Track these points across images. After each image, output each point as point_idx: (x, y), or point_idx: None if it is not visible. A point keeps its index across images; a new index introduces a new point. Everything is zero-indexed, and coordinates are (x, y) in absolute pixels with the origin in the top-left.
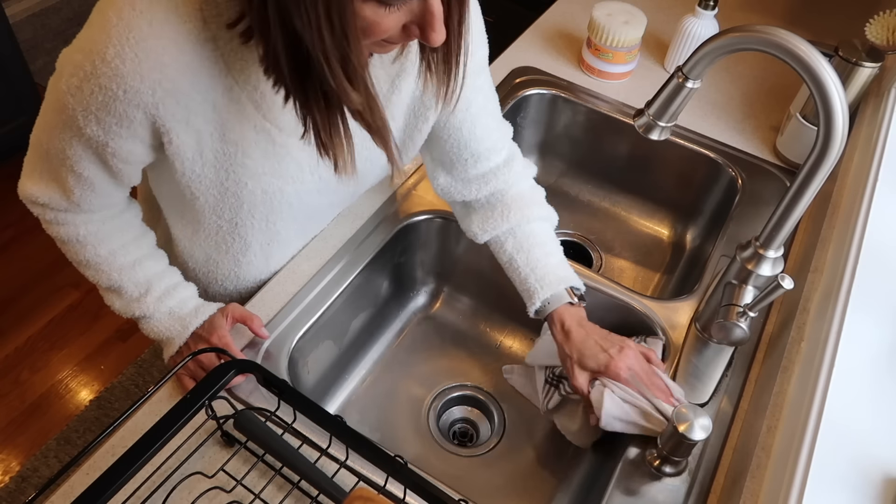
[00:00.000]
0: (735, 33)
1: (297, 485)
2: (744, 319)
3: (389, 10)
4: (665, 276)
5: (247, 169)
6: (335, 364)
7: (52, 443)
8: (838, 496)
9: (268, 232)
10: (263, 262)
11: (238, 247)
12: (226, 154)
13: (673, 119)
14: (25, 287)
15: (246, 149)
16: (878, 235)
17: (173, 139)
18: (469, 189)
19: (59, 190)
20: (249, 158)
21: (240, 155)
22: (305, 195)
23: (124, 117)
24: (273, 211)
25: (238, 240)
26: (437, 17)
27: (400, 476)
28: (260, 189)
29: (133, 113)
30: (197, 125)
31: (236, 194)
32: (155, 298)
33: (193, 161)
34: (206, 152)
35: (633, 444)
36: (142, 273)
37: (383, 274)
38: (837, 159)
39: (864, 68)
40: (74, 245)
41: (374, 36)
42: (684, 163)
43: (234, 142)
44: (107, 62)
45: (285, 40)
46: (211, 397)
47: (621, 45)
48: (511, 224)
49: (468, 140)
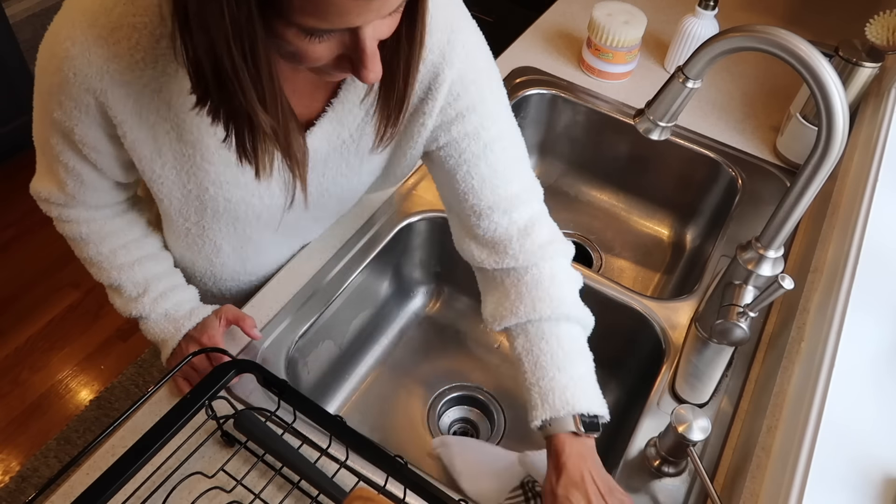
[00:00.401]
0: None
1: (297, 485)
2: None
3: (313, 39)
4: (665, 276)
5: (207, 175)
6: (335, 364)
7: (52, 443)
8: (838, 496)
9: (237, 237)
10: (239, 263)
11: (209, 248)
12: (184, 156)
13: (673, 119)
14: (25, 287)
15: (205, 154)
16: (878, 235)
17: (127, 133)
18: (480, 253)
19: (55, 182)
20: (209, 164)
21: (198, 158)
22: (276, 210)
23: (79, 101)
24: (239, 220)
25: (208, 242)
26: (367, 54)
27: (400, 476)
28: (222, 197)
29: (86, 98)
30: (150, 120)
31: (199, 198)
32: (151, 300)
33: (152, 160)
34: (164, 151)
35: (634, 443)
36: (141, 273)
37: (383, 274)
38: (838, 159)
39: (864, 68)
40: (78, 242)
41: (305, 62)
42: (684, 163)
43: (192, 144)
44: (60, 43)
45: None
46: (211, 397)
47: (621, 45)
48: (521, 318)
49: (465, 191)
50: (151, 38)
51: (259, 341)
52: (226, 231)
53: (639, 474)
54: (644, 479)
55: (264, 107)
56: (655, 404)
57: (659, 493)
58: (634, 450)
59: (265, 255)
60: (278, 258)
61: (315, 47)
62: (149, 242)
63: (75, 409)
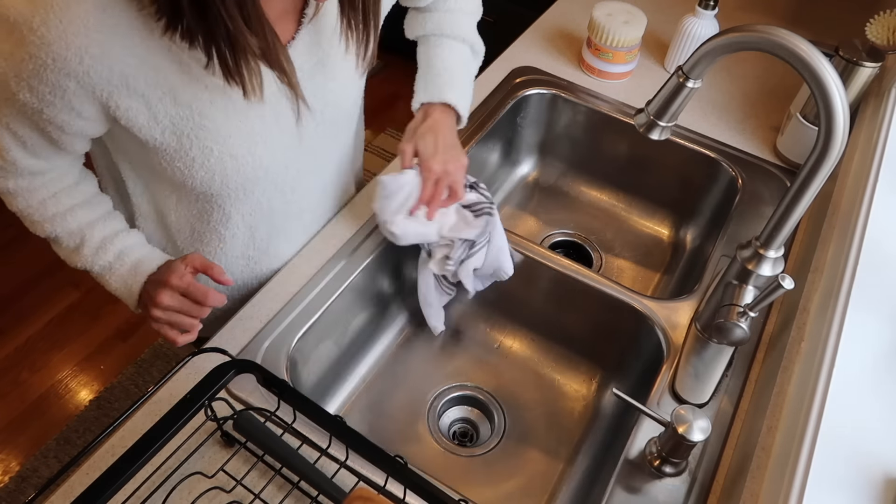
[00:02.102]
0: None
1: (297, 485)
2: (744, 319)
3: None
4: (665, 276)
5: (209, 132)
6: (335, 364)
7: (52, 443)
8: (838, 496)
9: (248, 202)
10: (248, 234)
11: (218, 217)
12: (182, 118)
13: (673, 119)
14: (25, 287)
15: (202, 110)
16: (878, 235)
17: (120, 105)
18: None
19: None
20: (208, 120)
21: (196, 117)
22: (279, 153)
23: (57, 86)
24: (248, 179)
25: (217, 209)
26: None
27: (400, 476)
28: (228, 155)
29: (65, 82)
30: (140, 89)
31: (205, 165)
32: (92, 250)
33: (150, 128)
34: (160, 117)
35: (634, 443)
36: (75, 222)
37: (383, 274)
38: (838, 159)
39: (864, 68)
40: (6, 196)
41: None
42: (684, 163)
43: (188, 104)
44: (33, 30)
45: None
46: (210, 398)
47: (621, 45)
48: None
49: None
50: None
51: (259, 341)
52: (234, 196)
53: (639, 474)
54: (644, 479)
55: (250, 28)
56: (655, 404)
57: (659, 493)
58: (634, 450)
59: (272, 220)
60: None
61: None
62: (81, 190)
63: (75, 409)
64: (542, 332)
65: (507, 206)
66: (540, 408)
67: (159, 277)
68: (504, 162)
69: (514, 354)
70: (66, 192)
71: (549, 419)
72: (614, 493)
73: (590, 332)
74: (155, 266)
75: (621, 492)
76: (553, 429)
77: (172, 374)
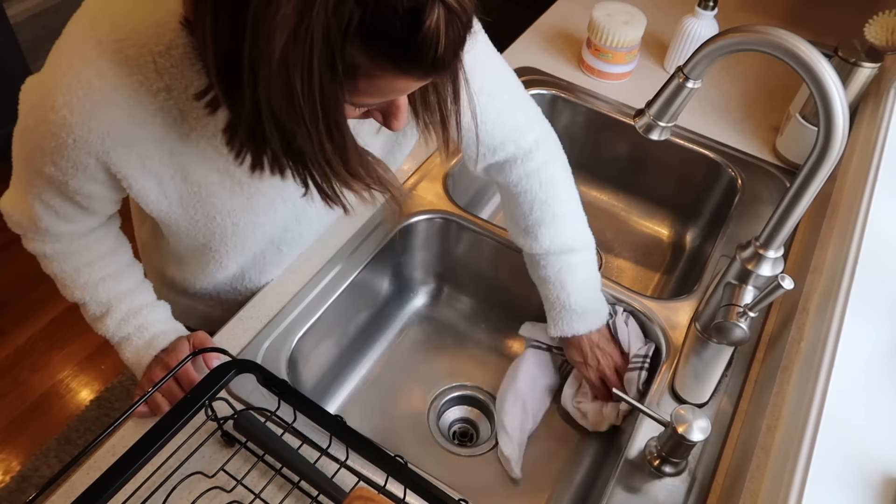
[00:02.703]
0: (735, 33)
1: (298, 485)
2: (744, 319)
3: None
4: (665, 276)
5: (214, 206)
6: (335, 364)
7: (53, 442)
8: (838, 496)
9: (244, 256)
10: (239, 273)
11: (214, 267)
12: (190, 193)
13: (673, 119)
14: (26, 287)
15: (210, 189)
16: (877, 235)
17: (132, 184)
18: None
19: (27, 215)
20: (215, 197)
21: (204, 194)
22: (282, 221)
23: (78, 163)
24: (248, 239)
25: (213, 261)
26: (401, 110)
27: (400, 476)
28: (230, 223)
29: (85, 160)
30: (154, 169)
31: (207, 226)
32: (115, 322)
33: (159, 202)
34: (169, 193)
35: (634, 443)
36: (104, 293)
37: (383, 274)
38: (838, 160)
39: (863, 68)
40: (42, 259)
41: None
42: (684, 163)
43: (197, 183)
44: (56, 110)
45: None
46: (211, 398)
47: (621, 45)
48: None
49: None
50: (149, 93)
51: (259, 341)
52: (233, 253)
53: (639, 474)
54: (644, 479)
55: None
56: (655, 404)
57: (659, 493)
58: (634, 450)
59: (269, 268)
60: (278, 270)
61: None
62: (115, 259)
63: (76, 409)
64: None
65: None
66: None
67: (165, 356)
68: None
69: (514, 355)
70: (101, 262)
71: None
72: (614, 493)
73: None
74: (167, 342)
75: (621, 492)
76: (553, 428)
77: (172, 373)
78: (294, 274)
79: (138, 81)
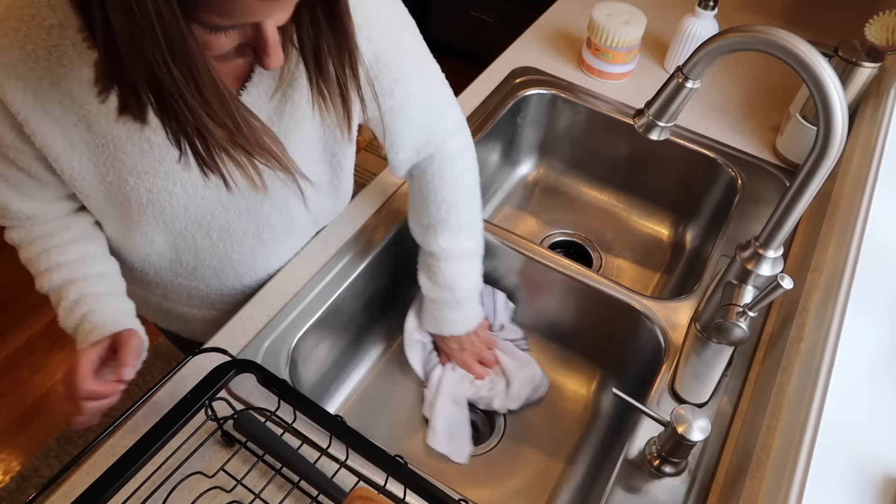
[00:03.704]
0: (735, 33)
1: (297, 485)
2: (743, 319)
3: (218, 33)
4: (665, 276)
5: (124, 165)
6: (335, 364)
7: (53, 443)
8: (838, 496)
9: (169, 232)
10: (175, 257)
11: (141, 241)
12: (97, 146)
13: (673, 119)
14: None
15: (117, 144)
16: (877, 235)
17: (34, 129)
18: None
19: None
20: (124, 154)
21: (111, 148)
22: (203, 202)
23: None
24: (166, 211)
25: (139, 234)
26: (270, 44)
27: (400, 476)
28: (144, 188)
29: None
30: (55, 113)
31: (121, 190)
32: (66, 309)
33: (68, 155)
34: (76, 143)
35: (634, 443)
36: (59, 278)
37: (383, 274)
38: (837, 159)
39: (863, 68)
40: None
41: (209, 52)
42: (684, 163)
43: (103, 134)
44: None
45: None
46: (211, 398)
47: (621, 45)
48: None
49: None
50: (41, 28)
51: (259, 341)
52: (154, 223)
53: (639, 474)
54: (644, 479)
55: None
56: (655, 404)
57: (659, 493)
58: (634, 450)
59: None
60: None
61: (219, 39)
62: (77, 248)
63: None
64: (541, 331)
65: (507, 206)
66: (540, 408)
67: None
68: (504, 162)
69: None
70: (62, 248)
71: (549, 419)
72: (614, 493)
73: (589, 331)
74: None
75: (621, 492)
76: (553, 429)
77: (173, 373)
78: (294, 274)
79: (30, 14)
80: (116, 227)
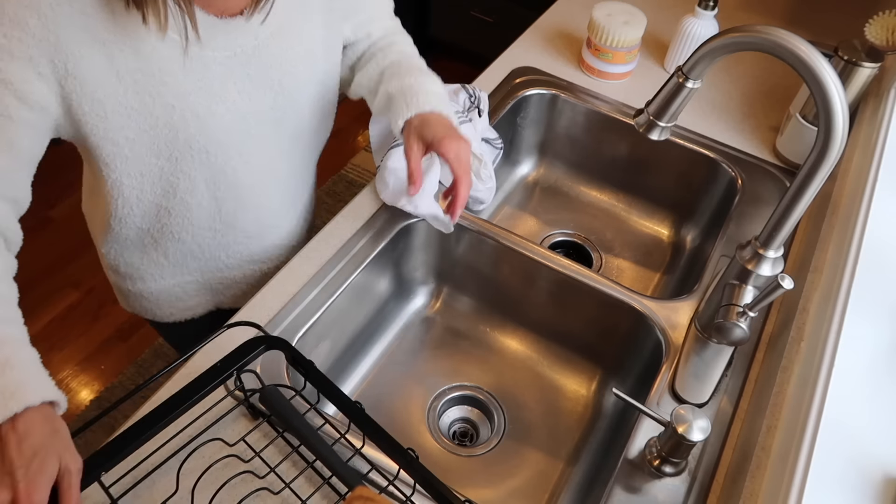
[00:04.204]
0: (735, 33)
1: (312, 465)
2: (744, 319)
3: None
4: (665, 276)
5: (169, 88)
6: (335, 364)
7: None
8: (838, 496)
9: (211, 168)
10: (214, 206)
11: (184, 186)
12: (142, 73)
13: (673, 119)
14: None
15: (161, 64)
16: (877, 235)
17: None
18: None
19: None
20: (169, 76)
21: (157, 72)
22: (239, 117)
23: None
24: (210, 140)
25: (183, 178)
26: None
27: (412, 470)
28: (190, 112)
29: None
30: (101, 37)
31: (168, 123)
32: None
33: (115, 89)
34: (122, 74)
35: (634, 443)
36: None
37: (383, 274)
38: (837, 159)
39: (863, 68)
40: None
41: None
42: (684, 163)
43: (148, 56)
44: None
45: None
46: (240, 368)
47: (621, 45)
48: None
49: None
50: None
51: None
52: (198, 159)
53: (639, 474)
54: (644, 478)
55: None
56: (655, 404)
57: (659, 493)
58: (634, 449)
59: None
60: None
61: None
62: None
63: (75, 409)
64: (542, 331)
65: (508, 206)
66: (540, 408)
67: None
68: (504, 162)
69: (514, 354)
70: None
71: (549, 419)
72: (614, 493)
73: (589, 332)
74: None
75: (621, 491)
76: (553, 429)
77: (210, 339)
78: (294, 274)
79: None
80: (159, 177)
